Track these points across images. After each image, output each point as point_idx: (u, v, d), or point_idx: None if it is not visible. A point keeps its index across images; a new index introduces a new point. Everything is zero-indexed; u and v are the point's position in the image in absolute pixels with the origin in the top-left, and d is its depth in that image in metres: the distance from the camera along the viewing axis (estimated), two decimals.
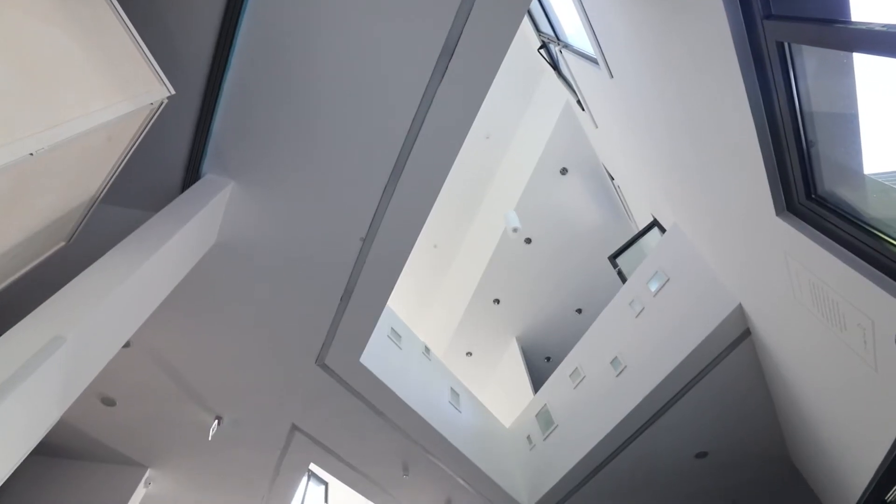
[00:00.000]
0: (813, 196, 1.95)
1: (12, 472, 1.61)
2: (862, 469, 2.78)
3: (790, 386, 3.37)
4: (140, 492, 4.73)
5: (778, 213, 2.14)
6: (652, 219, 5.85)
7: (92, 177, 1.96)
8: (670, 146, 3.28)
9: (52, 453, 4.69)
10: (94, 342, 1.95)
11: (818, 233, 1.93)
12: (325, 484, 8.59)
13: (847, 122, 1.76)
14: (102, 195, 2.18)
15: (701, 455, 4.73)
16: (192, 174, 2.97)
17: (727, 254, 3.36)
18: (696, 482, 5.08)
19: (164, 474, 4.92)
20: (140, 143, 2.06)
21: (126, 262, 2.14)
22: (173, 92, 1.99)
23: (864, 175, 1.74)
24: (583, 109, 5.95)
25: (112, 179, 2.10)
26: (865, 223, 1.67)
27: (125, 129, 1.85)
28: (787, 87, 1.74)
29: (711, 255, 3.78)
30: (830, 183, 1.88)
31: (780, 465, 4.71)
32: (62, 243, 2.33)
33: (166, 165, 2.93)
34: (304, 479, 7.82)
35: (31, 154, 1.33)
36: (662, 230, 5.47)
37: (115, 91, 1.69)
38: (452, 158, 2.97)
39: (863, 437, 2.59)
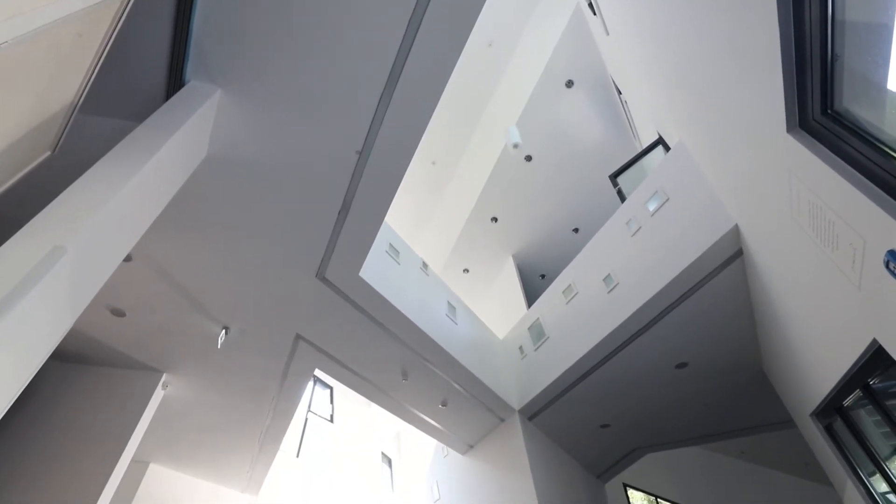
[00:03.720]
0: (829, 112, 1.86)
1: (34, 375, 1.71)
2: (827, 378, 3.00)
3: (773, 303, 3.50)
4: (158, 394, 5.09)
5: (789, 129, 2.06)
6: (657, 136, 5.66)
7: (68, 78, 1.84)
8: (682, 52, 3.07)
9: (74, 360, 4.97)
10: (95, 252, 1.96)
11: (828, 151, 1.88)
12: (330, 388, 9.30)
13: (879, 33, 1.63)
14: (82, 100, 2.07)
15: (681, 365, 5.07)
16: (175, 81, 2.78)
17: (729, 172, 3.30)
18: (674, 389, 5.50)
19: (180, 378, 5.26)
20: (116, 45, 1.91)
21: (117, 174, 2.08)
22: None
23: (887, 90, 1.65)
24: (594, 13, 5.48)
25: (90, 82, 1.97)
26: (880, 141, 1.61)
27: (96, 23, 1.69)
28: None
29: (713, 174, 3.72)
30: (850, 99, 1.78)
31: (751, 373, 5.07)
32: (48, 153, 2.26)
33: (147, 70, 2.73)
34: (311, 383, 8.44)
35: None
36: (667, 148, 5.32)
37: None
38: (451, 65, 2.79)
39: (833, 350, 2.75)
